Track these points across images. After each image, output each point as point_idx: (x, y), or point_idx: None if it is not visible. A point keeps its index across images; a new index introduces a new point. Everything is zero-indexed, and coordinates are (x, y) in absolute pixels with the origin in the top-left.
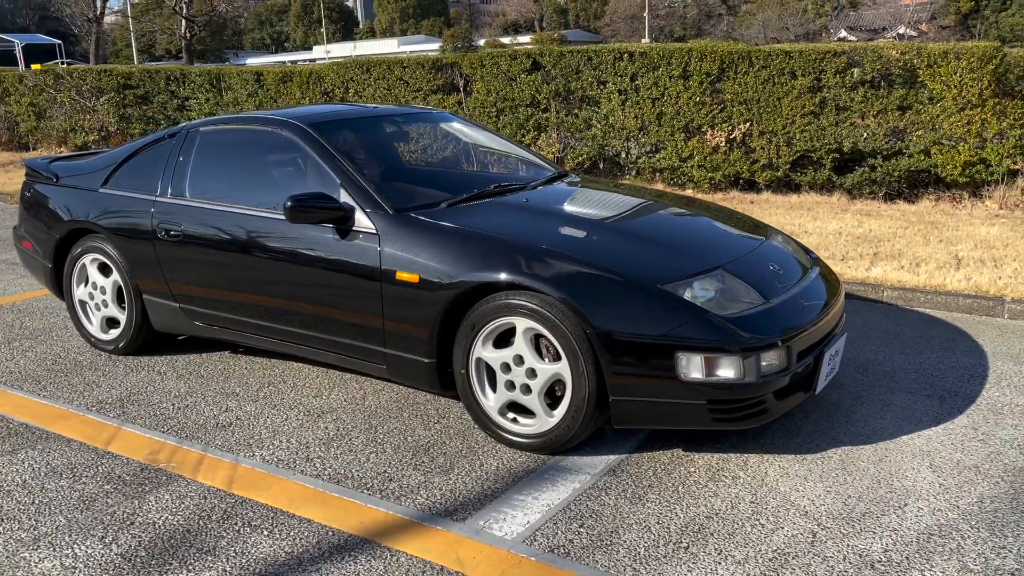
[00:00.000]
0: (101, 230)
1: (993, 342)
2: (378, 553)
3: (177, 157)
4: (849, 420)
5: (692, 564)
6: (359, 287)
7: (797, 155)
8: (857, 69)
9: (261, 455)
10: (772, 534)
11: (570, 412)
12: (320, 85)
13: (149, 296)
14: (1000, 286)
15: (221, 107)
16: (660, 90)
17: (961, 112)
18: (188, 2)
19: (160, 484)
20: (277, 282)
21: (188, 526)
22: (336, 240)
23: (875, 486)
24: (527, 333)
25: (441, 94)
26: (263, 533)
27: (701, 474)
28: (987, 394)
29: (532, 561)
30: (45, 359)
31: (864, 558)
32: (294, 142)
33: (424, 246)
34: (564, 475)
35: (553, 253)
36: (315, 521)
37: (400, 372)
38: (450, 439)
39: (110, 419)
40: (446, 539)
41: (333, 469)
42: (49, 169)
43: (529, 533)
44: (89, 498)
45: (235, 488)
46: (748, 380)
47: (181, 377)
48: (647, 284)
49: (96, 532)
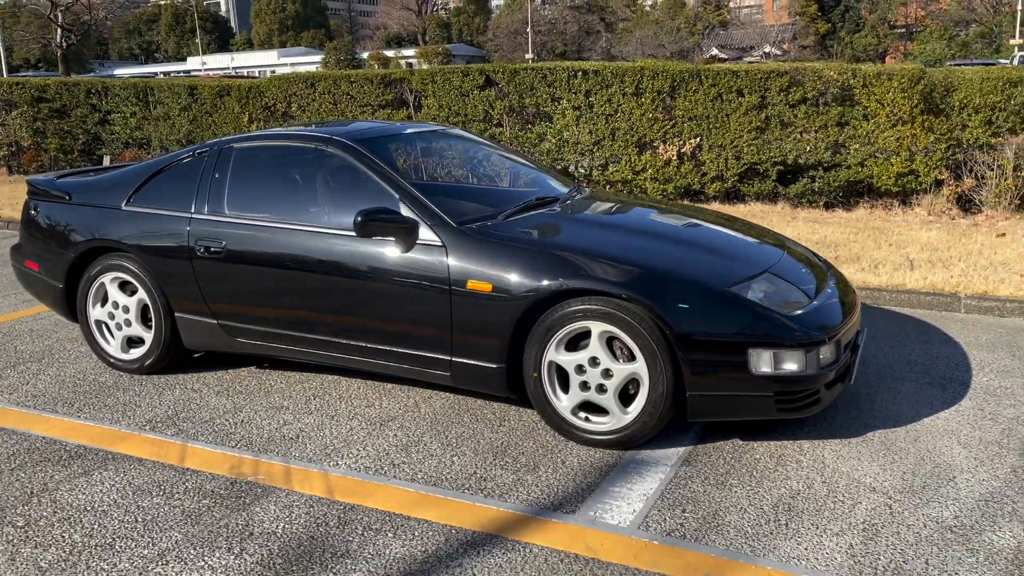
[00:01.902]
0: (128, 248)
1: (961, 333)
2: (509, 546)
3: (212, 174)
4: (872, 407)
5: (798, 538)
6: (425, 297)
7: (744, 168)
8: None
9: (346, 464)
10: (854, 508)
11: (646, 408)
12: (261, 100)
13: (182, 314)
14: (954, 284)
15: (149, 122)
16: (614, 107)
17: (893, 128)
18: (64, 9)
19: (259, 496)
20: (333, 296)
21: (310, 533)
22: (399, 253)
23: (921, 463)
24: (602, 336)
25: (390, 109)
26: (388, 535)
27: (768, 460)
28: (978, 379)
29: (656, 544)
30: (64, 381)
31: (941, 524)
32: (342, 158)
33: (496, 256)
34: (646, 467)
35: (626, 260)
36: (434, 521)
37: (466, 378)
38: (521, 440)
39: (169, 437)
40: (567, 530)
41: (424, 473)
42: (58, 187)
43: (640, 520)
44: (193, 513)
45: (337, 496)
46: (809, 372)
47: (220, 394)
48: (717, 287)
49: (219, 544)
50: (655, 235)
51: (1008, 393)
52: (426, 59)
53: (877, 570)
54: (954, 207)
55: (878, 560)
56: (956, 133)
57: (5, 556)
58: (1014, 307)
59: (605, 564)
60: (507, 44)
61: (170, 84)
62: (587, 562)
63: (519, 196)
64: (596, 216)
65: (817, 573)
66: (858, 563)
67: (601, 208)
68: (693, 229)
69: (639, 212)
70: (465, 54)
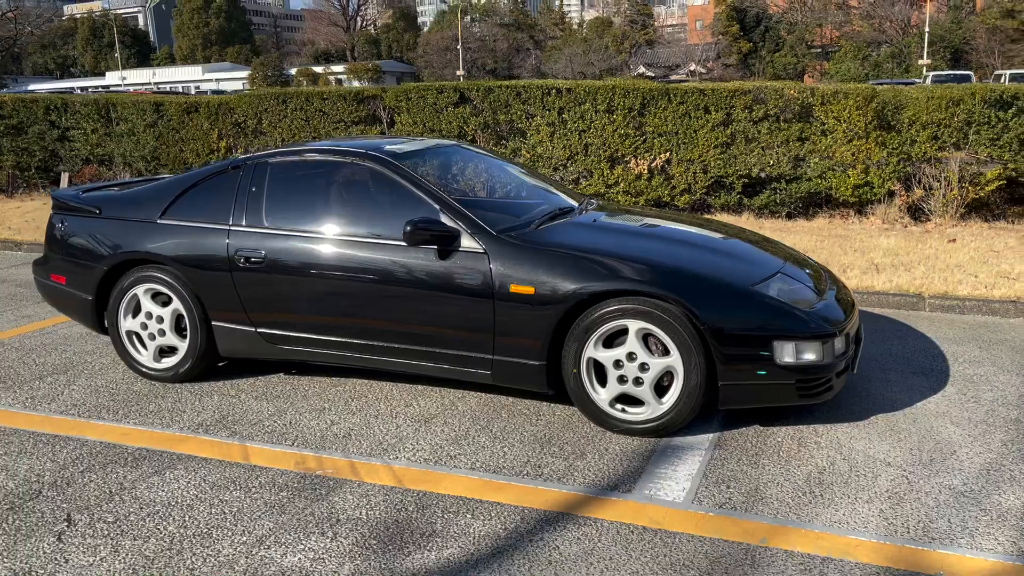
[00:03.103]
0: (164, 260)
1: (929, 330)
2: (581, 521)
3: (249, 187)
4: (869, 395)
5: (836, 506)
6: (468, 301)
7: (712, 181)
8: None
9: (406, 457)
10: (876, 480)
11: (681, 398)
12: (231, 116)
13: (220, 323)
14: (917, 285)
15: (112, 138)
16: (587, 123)
17: (849, 143)
18: None
19: (333, 487)
20: (375, 302)
21: (393, 517)
22: (442, 260)
23: (924, 440)
24: (639, 333)
25: (363, 125)
26: (467, 516)
27: (790, 443)
28: (955, 369)
29: (712, 515)
30: (99, 390)
31: (953, 490)
32: (379, 172)
33: (537, 262)
34: (683, 452)
35: (659, 263)
36: (505, 503)
37: (507, 376)
38: (561, 431)
39: (224, 438)
40: (629, 506)
41: (481, 462)
42: (87, 202)
43: (692, 496)
44: (276, 504)
45: (407, 484)
46: (826, 361)
47: (258, 399)
48: (744, 286)
49: (311, 530)
50: (677, 240)
51: (983, 380)
52: (356, 75)
53: (908, 529)
54: (906, 216)
55: (907, 521)
56: (906, 148)
57: (108, 548)
58: (973, 305)
59: (672, 533)
60: (437, 61)
61: (134, 100)
62: (655, 532)
63: (541, 206)
64: (619, 224)
65: (860, 533)
66: (891, 525)
67: (620, 217)
68: (707, 235)
69: (654, 220)
70: (395, 70)
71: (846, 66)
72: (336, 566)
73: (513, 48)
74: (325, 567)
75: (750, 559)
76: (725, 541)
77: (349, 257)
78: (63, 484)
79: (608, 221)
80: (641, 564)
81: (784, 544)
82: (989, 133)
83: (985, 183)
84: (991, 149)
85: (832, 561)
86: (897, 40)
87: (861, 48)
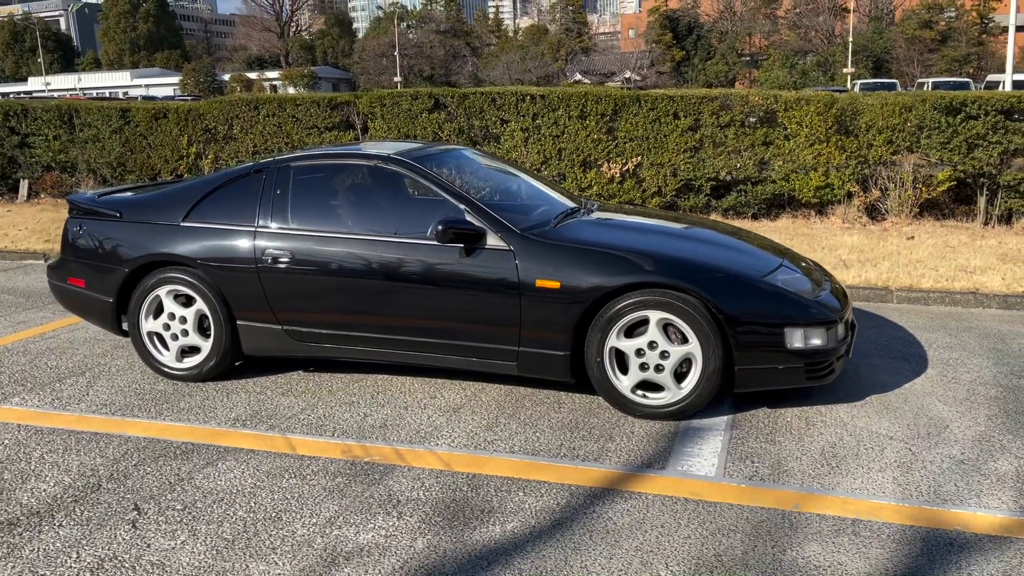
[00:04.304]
0: (189, 261)
1: (901, 319)
2: (626, 495)
3: (274, 190)
4: (859, 378)
5: (853, 475)
6: (495, 296)
7: (681, 184)
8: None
9: (446, 443)
10: (883, 453)
11: (700, 383)
12: (201, 122)
13: (245, 321)
14: (884, 279)
15: (75, 144)
16: (560, 128)
17: (811, 147)
18: None
19: (385, 473)
20: (403, 298)
21: (450, 496)
22: (469, 258)
23: (918, 417)
24: (660, 323)
25: (337, 131)
26: (519, 494)
27: (798, 422)
28: (932, 354)
29: (744, 487)
30: (124, 390)
31: (954, 459)
32: (404, 175)
33: (562, 258)
34: (704, 433)
35: (677, 257)
36: (551, 482)
37: (532, 366)
38: (584, 417)
39: (264, 431)
40: (667, 481)
41: (518, 446)
42: (105, 205)
43: (722, 471)
44: (335, 489)
45: (455, 467)
46: (831, 346)
47: (285, 394)
48: (756, 277)
49: (375, 511)
50: (686, 236)
51: (959, 363)
52: (291, 81)
53: (921, 493)
54: (864, 215)
55: (919, 486)
56: (863, 151)
57: (186, 532)
58: (936, 297)
59: (712, 503)
60: (373, 67)
61: (99, 106)
62: (697, 503)
63: (552, 206)
64: (630, 221)
65: (880, 497)
66: (905, 489)
67: (628, 216)
68: (712, 232)
69: (658, 219)
70: (331, 76)
71: (775, 74)
72: (410, 541)
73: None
74: (399, 543)
75: (788, 523)
76: (762, 508)
77: (376, 256)
78: (120, 477)
79: (618, 219)
80: (690, 531)
81: (815, 509)
82: (940, 137)
83: (937, 184)
84: (942, 152)
85: (861, 522)
86: (823, 49)
87: (789, 57)
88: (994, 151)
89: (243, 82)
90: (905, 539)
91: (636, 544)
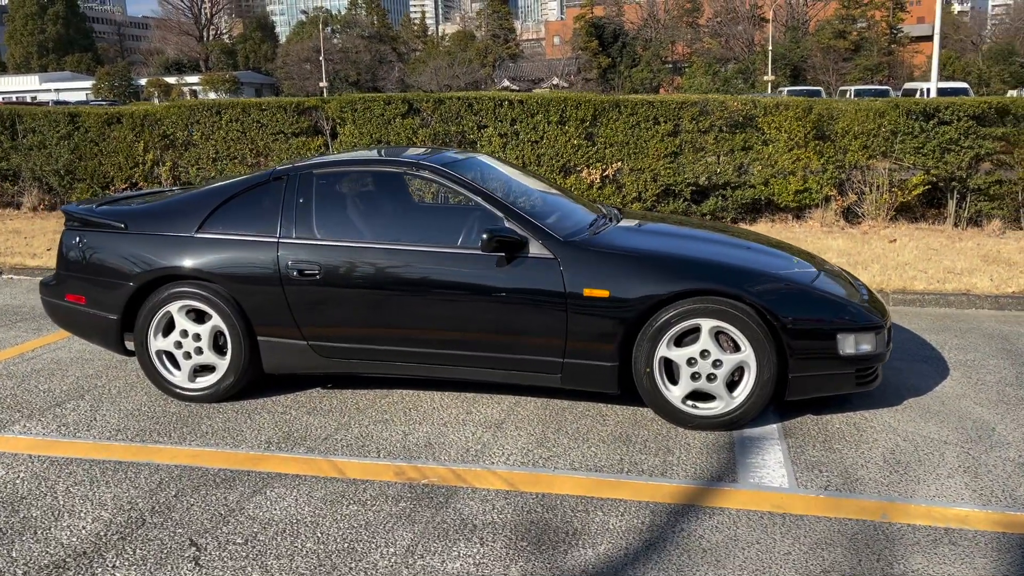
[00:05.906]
0: (205, 275)
1: (903, 321)
2: (709, 512)
3: (296, 199)
4: (889, 381)
5: (924, 482)
6: (539, 306)
7: (661, 188)
8: None
9: (502, 462)
10: (943, 455)
11: (754, 391)
12: (158, 128)
13: (266, 337)
14: (878, 282)
15: (19, 152)
16: (539, 134)
17: (790, 151)
18: None
19: (449, 495)
20: (443, 310)
21: (527, 519)
22: (512, 267)
23: (962, 420)
24: (712, 331)
25: (304, 137)
26: (599, 513)
27: (848, 428)
28: (948, 356)
29: (824, 497)
30: (133, 414)
31: (1013, 461)
32: (438, 182)
33: (610, 265)
34: (761, 443)
35: (728, 264)
36: (627, 499)
37: (578, 378)
38: (633, 429)
39: (305, 454)
40: (745, 494)
41: (575, 462)
42: (106, 216)
43: (795, 481)
44: (402, 515)
45: (520, 487)
46: (879, 351)
47: (311, 414)
48: (807, 283)
49: (454, 537)
50: (725, 243)
51: (978, 364)
52: (212, 86)
53: (999, 498)
54: (841, 219)
55: (992, 490)
56: (840, 156)
57: (257, 569)
58: (931, 299)
59: (799, 516)
60: (297, 72)
61: (45, 112)
62: (783, 517)
63: (584, 213)
64: (666, 228)
65: (961, 504)
66: (982, 495)
67: (660, 223)
68: (749, 239)
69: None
70: (253, 81)
71: (698, 81)
72: (503, 568)
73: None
74: (492, 570)
75: (882, 535)
76: (850, 520)
77: (411, 267)
78: (164, 509)
79: (653, 226)
80: (787, 545)
81: (902, 519)
82: (913, 142)
83: (912, 187)
84: (915, 157)
85: (954, 531)
86: (744, 57)
87: (711, 64)
88: (965, 156)
89: (161, 87)
90: (1004, 547)
91: (739, 563)
